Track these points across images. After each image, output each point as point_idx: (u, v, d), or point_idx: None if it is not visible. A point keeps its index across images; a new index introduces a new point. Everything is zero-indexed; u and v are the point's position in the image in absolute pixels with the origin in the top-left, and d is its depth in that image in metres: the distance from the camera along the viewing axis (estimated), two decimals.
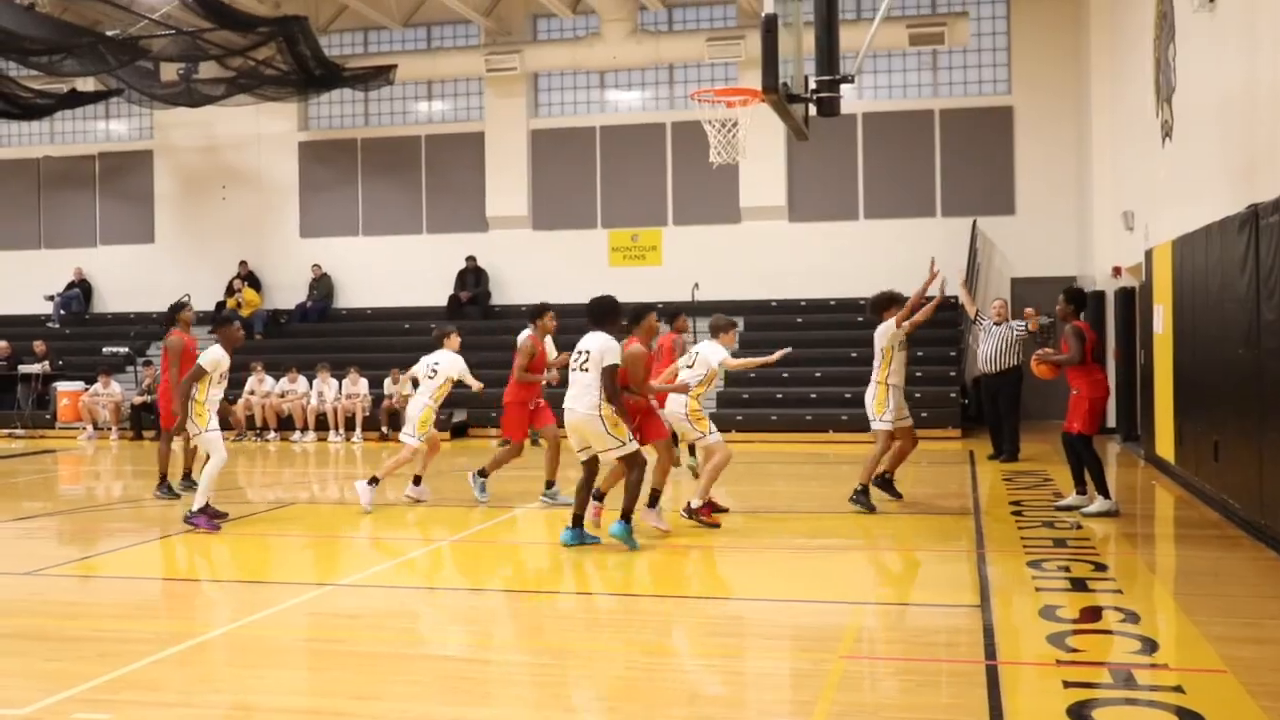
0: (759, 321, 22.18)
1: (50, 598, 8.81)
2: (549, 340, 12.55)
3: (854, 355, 21.51)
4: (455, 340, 12.59)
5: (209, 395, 11.11)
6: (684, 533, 10.81)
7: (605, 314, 9.75)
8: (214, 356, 11.10)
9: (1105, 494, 11.19)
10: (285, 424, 21.00)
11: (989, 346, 15.94)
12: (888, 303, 12.00)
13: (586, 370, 9.40)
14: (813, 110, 11.04)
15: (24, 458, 19.03)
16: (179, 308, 14.05)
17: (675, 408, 11.15)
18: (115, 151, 26.95)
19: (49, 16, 20.68)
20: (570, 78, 24.62)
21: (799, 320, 22.61)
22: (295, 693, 6.37)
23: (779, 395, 20.16)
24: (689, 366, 11.41)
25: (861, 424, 19.00)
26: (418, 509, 12.42)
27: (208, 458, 11.11)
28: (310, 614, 8.03)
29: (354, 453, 19.10)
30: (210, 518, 11.09)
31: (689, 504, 11.10)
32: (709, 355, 11.28)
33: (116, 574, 9.86)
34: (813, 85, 10.66)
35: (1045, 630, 7.09)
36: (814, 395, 20.32)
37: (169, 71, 23.21)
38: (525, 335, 12.28)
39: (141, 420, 21.68)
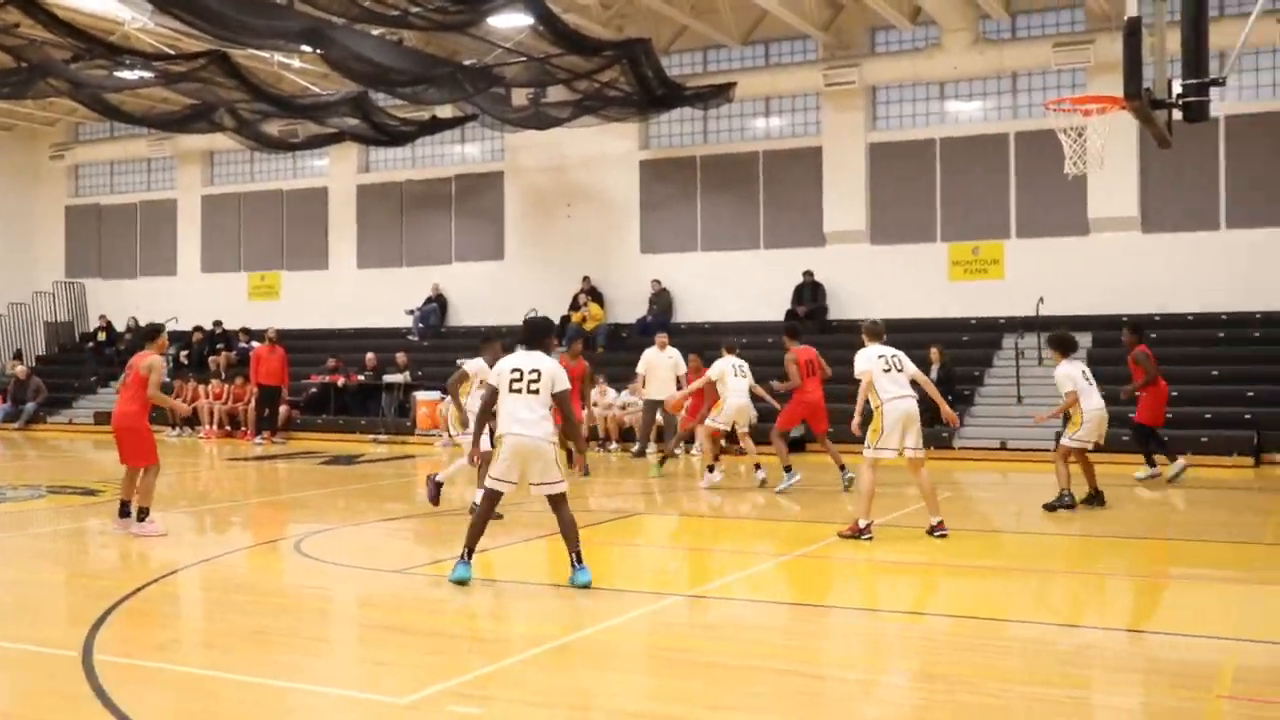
0: (1108, 338, 21.15)
1: (418, 595, 9.34)
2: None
3: (1215, 373, 20.32)
4: None
5: None
6: (1042, 558, 10.42)
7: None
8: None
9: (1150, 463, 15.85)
10: (627, 435, 21.56)
11: None
12: None
13: None
14: (1177, 115, 10.49)
15: (387, 462, 20.32)
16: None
17: None
18: (469, 173, 28.47)
19: (414, 50, 22.12)
20: (909, 90, 24.27)
21: (1153, 335, 21.35)
22: (652, 698, 6.49)
23: (1131, 415, 19.11)
24: None
25: (1222, 447, 18.05)
26: (758, 522, 12.48)
27: None
28: (661, 623, 8.18)
29: (692, 464, 19.41)
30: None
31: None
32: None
33: (478, 575, 10.33)
34: (1178, 89, 10.11)
35: None
36: (1170, 415, 19.17)
37: (520, 96, 24.37)
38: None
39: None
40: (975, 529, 12.63)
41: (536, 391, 8.76)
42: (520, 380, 8.77)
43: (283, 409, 24.65)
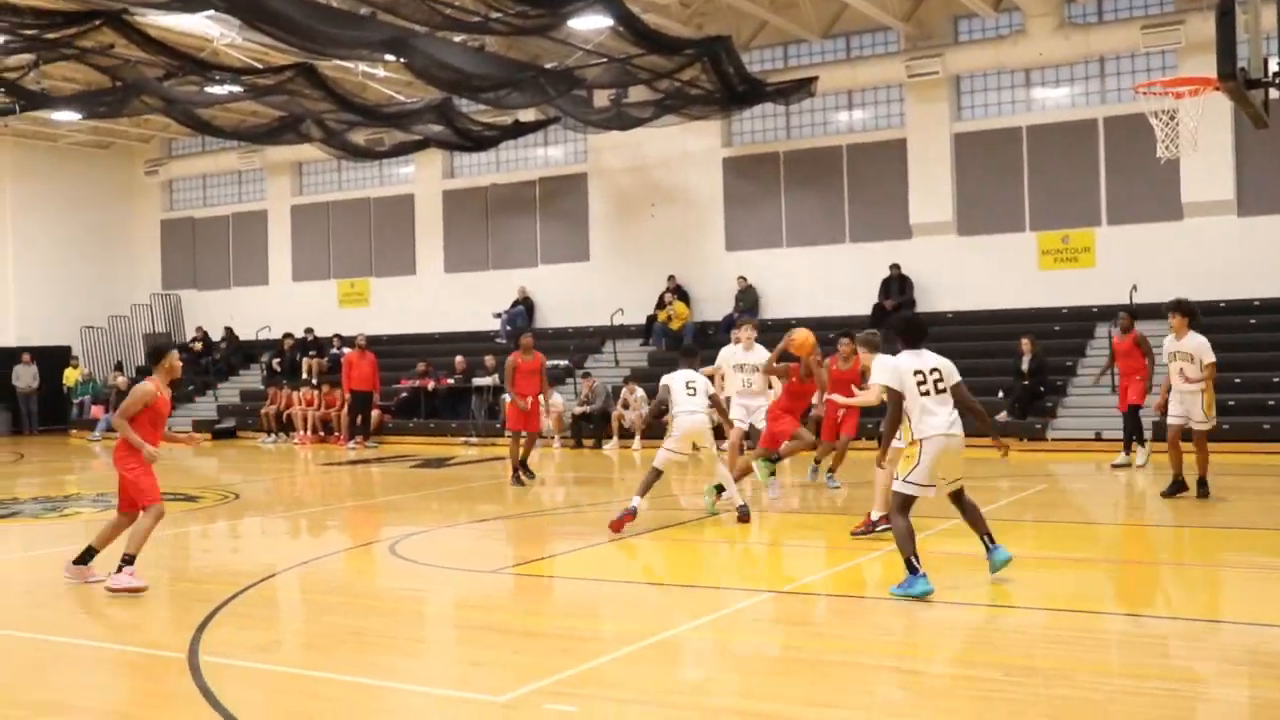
0: (1206, 324, 20.69)
1: (514, 594, 9.43)
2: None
3: None
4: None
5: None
6: (1138, 550, 10.25)
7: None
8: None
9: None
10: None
11: None
12: None
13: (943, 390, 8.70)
14: (1273, 94, 10.26)
15: (478, 464, 20.49)
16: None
17: None
18: (553, 176, 28.61)
19: (496, 55, 22.27)
20: (994, 78, 23.97)
21: (1252, 321, 20.96)
22: (746, 695, 6.48)
23: (1231, 403, 18.70)
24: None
25: None
26: (849, 517, 12.38)
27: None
28: (753, 619, 8.17)
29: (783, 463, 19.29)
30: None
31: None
32: None
33: (569, 575, 10.42)
34: (1274, 68, 9.89)
35: None
36: (1272, 402, 18.78)
37: (601, 98, 24.46)
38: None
39: (581, 429, 22.97)
40: (1070, 520, 12.43)
41: (944, 390, 8.63)
42: (925, 382, 8.59)
43: (374, 413, 24.98)
